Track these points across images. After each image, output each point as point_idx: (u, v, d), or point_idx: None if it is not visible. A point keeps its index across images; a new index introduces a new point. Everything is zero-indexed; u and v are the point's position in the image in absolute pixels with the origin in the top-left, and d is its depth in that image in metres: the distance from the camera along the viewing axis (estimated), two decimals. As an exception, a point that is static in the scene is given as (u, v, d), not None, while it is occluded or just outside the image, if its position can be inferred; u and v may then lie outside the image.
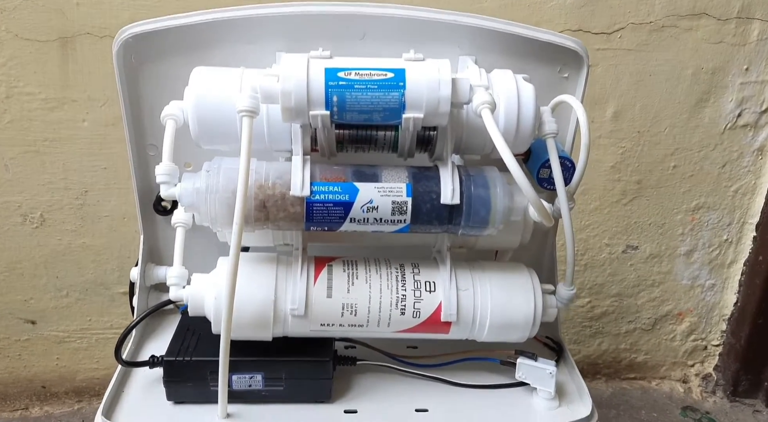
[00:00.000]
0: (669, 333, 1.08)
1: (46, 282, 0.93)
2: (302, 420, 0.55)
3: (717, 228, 0.99)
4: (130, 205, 0.87)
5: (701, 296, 1.05)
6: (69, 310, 0.95)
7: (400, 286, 0.56)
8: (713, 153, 0.93)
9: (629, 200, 0.97)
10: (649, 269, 1.02)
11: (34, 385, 0.99)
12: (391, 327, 0.57)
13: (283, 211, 0.51)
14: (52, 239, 0.90)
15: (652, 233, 1.00)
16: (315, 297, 0.55)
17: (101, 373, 1.00)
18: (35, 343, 0.97)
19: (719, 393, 1.09)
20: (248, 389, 0.57)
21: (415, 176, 0.53)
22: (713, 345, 1.09)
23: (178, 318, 0.63)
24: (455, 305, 0.56)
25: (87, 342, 0.98)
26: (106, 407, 0.56)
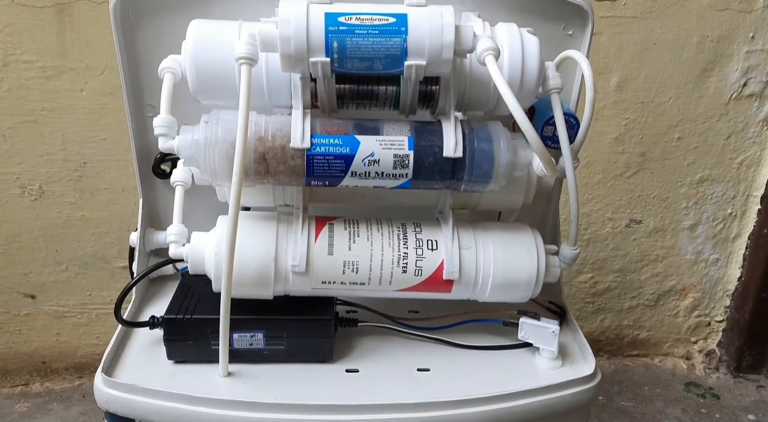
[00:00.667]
0: (672, 309, 1.08)
1: (46, 256, 0.92)
2: (304, 379, 0.55)
3: (721, 201, 0.98)
4: (130, 177, 0.87)
5: (705, 271, 1.04)
6: (69, 284, 0.95)
7: (402, 244, 0.55)
8: (718, 124, 0.93)
9: (633, 172, 0.96)
10: (653, 243, 1.02)
11: (34, 361, 0.99)
12: (393, 286, 0.56)
13: (283, 164, 0.50)
14: (51, 212, 0.89)
15: (655, 207, 0.99)
16: (316, 254, 0.54)
17: (101, 349, 0.99)
18: (35, 318, 0.96)
19: (723, 369, 1.08)
20: (249, 348, 0.56)
21: (417, 129, 0.52)
22: (716, 321, 1.08)
23: (178, 283, 0.63)
24: (457, 264, 0.55)
25: (87, 317, 0.97)
26: (106, 365, 0.56)
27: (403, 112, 0.55)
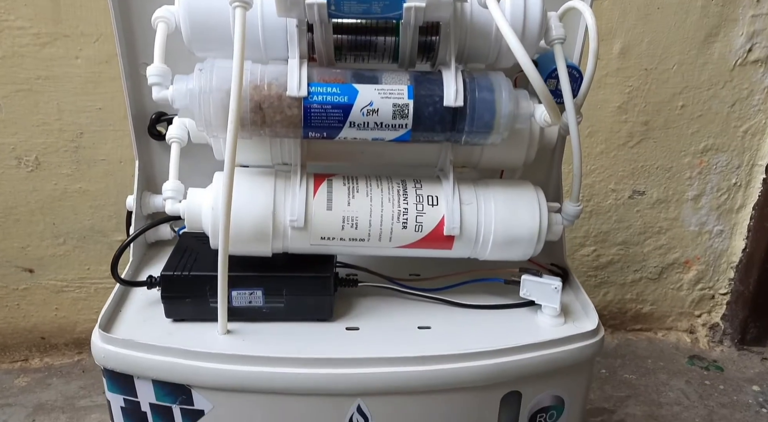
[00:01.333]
0: (675, 282, 1.07)
1: (43, 229, 0.91)
2: (304, 336, 0.54)
3: (725, 171, 0.97)
4: (127, 148, 0.86)
5: (709, 243, 1.03)
6: (67, 258, 0.94)
7: (402, 200, 0.54)
8: (722, 91, 0.91)
9: (636, 142, 0.95)
10: (656, 215, 1.01)
11: (33, 336, 0.99)
12: (393, 242, 0.55)
13: (280, 114, 0.49)
14: (47, 184, 0.88)
15: (659, 178, 0.98)
16: (315, 210, 0.53)
17: (101, 324, 0.99)
18: (33, 292, 0.96)
19: (727, 342, 1.07)
20: (248, 305, 0.55)
21: (417, 78, 0.51)
22: (720, 294, 1.07)
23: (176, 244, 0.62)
24: (458, 219, 0.54)
25: (86, 292, 0.97)
26: (104, 322, 0.55)
27: (403, 64, 0.54)
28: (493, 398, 0.55)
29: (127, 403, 0.55)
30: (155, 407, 0.54)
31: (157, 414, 0.55)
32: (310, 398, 0.53)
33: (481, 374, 0.53)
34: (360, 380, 0.52)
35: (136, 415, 0.55)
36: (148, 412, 0.55)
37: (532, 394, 0.56)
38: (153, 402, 0.54)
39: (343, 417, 0.53)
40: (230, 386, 0.52)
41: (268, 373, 0.51)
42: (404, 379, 0.52)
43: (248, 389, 0.52)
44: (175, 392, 0.54)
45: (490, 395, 0.55)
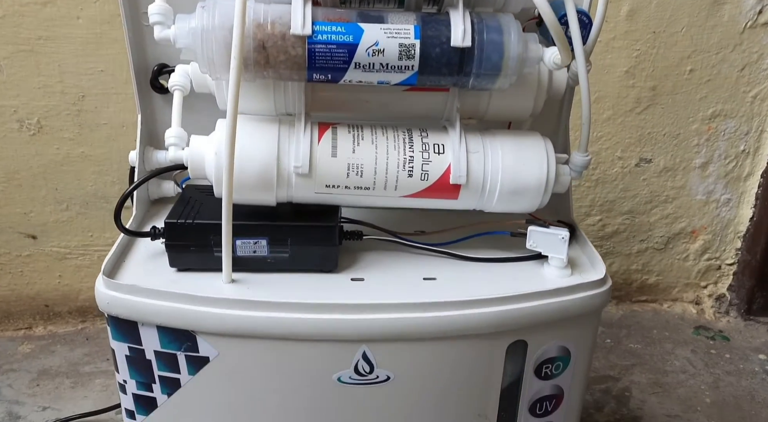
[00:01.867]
0: (682, 252, 1.06)
1: (46, 194, 0.91)
2: (308, 285, 0.53)
3: (734, 138, 0.96)
4: (129, 112, 0.85)
5: (716, 212, 1.02)
6: (70, 225, 0.94)
7: (408, 147, 0.54)
8: (732, 55, 0.90)
9: (643, 108, 0.94)
10: (663, 183, 1.00)
11: (36, 304, 0.98)
12: (398, 191, 0.54)
13: (284, 53, 0.48)
14: (50, 148, 0.88)
15: (666, 145, 0.97)
16: (319, 156, 0.52)
17: (104, 293, 0.99)
18: (36, 259, 0.95)
19: (733, 313, 1.07)
20: (253, 255, 0.55)
21: (424, 19, 0.50)
22: (727, 264, 1.06)
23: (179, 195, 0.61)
24: (465, 167, 0.53)
25: (89, 259, 0.96)
26: (108, 268, 0.55)
27: (409, 8, 0.53)
28: (498, 347, 0.55)
29: (132, 351, 0.55)
30: (160, 354, 0.54)
31: (162, 362, 0.54)
32: (315, 344, 0.52)
33: (487, 321, 0.53)
34: (365, 326, 0.52)
35: (141, 363, 0.55)
36: (153, 360, 0.54)
37: (538, 344, 0.56)
38: (158, 349, 0.54)
39: (349, 364, 0.53)
40: (235, 332, 0.52)
41: (273, 318, 0.51)
42: (410, 325, 0.52)
43: (253, 335, 0.52)
44: (180, 339, 0.53)
45: (495, 343, 0.55)
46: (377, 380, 0.54)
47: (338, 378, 0.54)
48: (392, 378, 0.54)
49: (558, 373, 0.58)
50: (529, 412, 0.59)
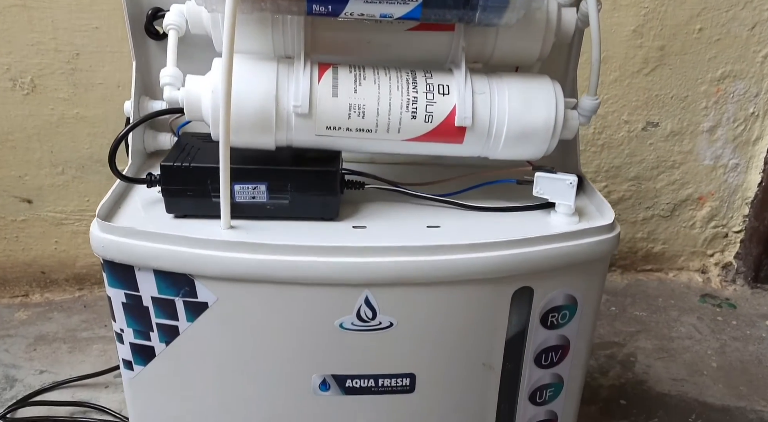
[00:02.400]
0: (688, 220, 1.04)
1: (41, 157, 0.89)
2: (308, 234, 0.51)
3: (743, 100, 0.94)
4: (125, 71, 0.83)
5: (723, 178, 1.01)
6: (66, 189, 0.92)
7: (411, 88, 0.52)
8: (742, 13, 0.88)
9: (651, 69, 0.92)
10: (670, 148, 0.98)
11: (33, 270, 0.97)
12: (402, 134, 0.53)
13: (283, -18, 0.46)
14: (44, 109, 0.86)
15: (673, 108, 0.95)
16: (320, 96, 0.50)
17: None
18: (32, 224, 0.94)
19: (740, 281, 1.05)
20: (252, 201, 0.53)
21: (428, -53, 0.48)
22: (734, 232, 1.05)
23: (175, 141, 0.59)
24: (470, 109, 0.52)
25: (86, 224, 0.95)
26: (103, 212, 0.53)
27: (413, -57, 0.51)
28: (504, 293, 0.54)
29: (129, 298, 0.53)
30: (157, 301, 0.53)
31: (159, 309, 0.53)
32: (317, 289, 0.51)
33: (492, 266, 0.51)
34: (367, 269, 0.50)
35: (138, 311, 0.54)
36: (150, 307, 0.53)
37: (544, 291, 0.55)
38: (155, 295, 0.53)
39: (351, 310, 0.52)
40: (234, 276, 0.50)
41: (272, 261, 0.49)
42: (413, 269, 0.50)
43: (253, 279, 0.50)
44: (178, 284, 0.52)
45: (501, 290, 0.53)
46: (380, 326, 0.53)
47: (340, 325, 0.53)
48: (395, 324, 0.53)
49: (564, 323, 0.57)
50: (535, 363, 0.58)
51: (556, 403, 0.62)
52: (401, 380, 0.55)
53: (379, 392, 0.56)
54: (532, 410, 0.61)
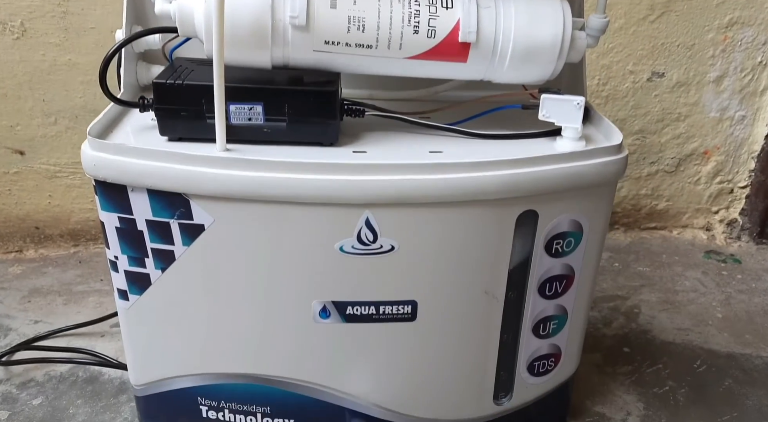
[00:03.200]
0: (693, 175, 1.03)
1: (33, 106, 0.87)
2: (306, 158, 0.49)
3: (751, 48, 0.92)
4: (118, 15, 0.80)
5: (729, 130, 0.99)
6: (59, 140, 0.90)
7: (413, 0, 0.50)
8: (751, -44, 0.85)
9: (657, 16, 0.89)
10: (675, 99, 0.96)
11: (27, 225, 0.95)
12: (403, 50, 0.51)
13: None
14: (35, 54, 0.84)
15: (679, 57, 0.93)
16: (317, 7, 0.48)
17: (96, 215, 0.96)
18: (25, 177, 0.92)
19: (744, 238, 1.04)
20: (248, 123, 0.51)
21: None
22: (740, 187, 1.03)
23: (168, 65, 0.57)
24: (475, 23, 0.50)
25: (80, 178, 0.93)
26: (95, 130, 0.52)
27: None
28: (508, 217, 0.52)
29: (123, 222, 0.52)
30: (152, 224, 0.51)
31: (154, 233, 0.51)
32: (316, 209, 0.49)
33: (496, 186, 0.49)
34: (368, 188, 0.48)
35: (133, 235, 0.52)
36: (145, 231, 0.51)
37: (549, 216, 0.53)
38: (149, 218, 0.51)
39: (351, 232, 0.50)
40: (231, 194, 0.48)
41: (270, 179, 0.48)
42: (415, 188, 0.49)
43: (250, 198, 0.49)
44: (173, 205, 0.50)
45: (504, 213, 0.51)
46: (381, 250, 0.51)
47: (340, 248, 0.51)
48: (396, 248, 0.51)
49: (569, 251, 0.56)
50: (539, 293, 0.57)
51: (559, 337, 0.61)
52: (402, 307, 0.54)
53: (380, 320, 0.55)
54: (535, 343, 0.60)
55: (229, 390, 0.58)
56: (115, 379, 0.71)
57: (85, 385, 0.70)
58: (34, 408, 0.66)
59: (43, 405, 0.67)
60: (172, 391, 0.59)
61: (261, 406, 0.58)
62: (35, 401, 0.67)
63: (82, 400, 0.68)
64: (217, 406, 0.58)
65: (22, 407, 0.66)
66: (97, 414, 0.66)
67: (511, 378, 0.60)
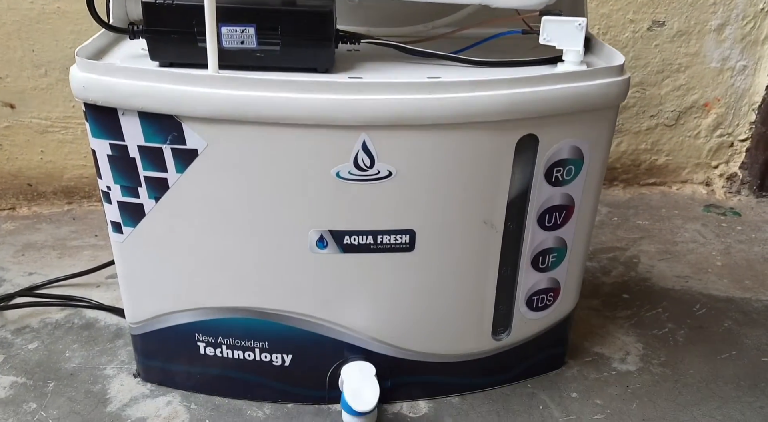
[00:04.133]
0: (693, 129, 1.02)
1: (22, 57, 0.85)
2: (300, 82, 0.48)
3: (753, -6, 0.90)
4: (107, -39, 0.78)
5: (730, 81, 0.98)
6: (50, 93, 0.88)
7: None
8: None
9: (658, -39, 0.88)
10: (676, 49, 0.94)
11: (19, 182, 0.94)
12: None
13: None
14: (23, 2, 0.82)
15: (680, 4, 0.91)
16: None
17: (90, 172, 0.94)
18: (16, 131, 0.90)
19: (744, 192, 1.03)
20: (240, 47, 0.50)
21: None
22: (740, 140, 1.02)
23: None
24: (473, -59, 0.49)
25: (72, 133, 0.92)
26: (84, 52, 0.50)
27: None
28: (508, 141, 0.51)
29: (114, 149, 0.50)
30: (144, 150, 0.50)
31: (147, 159, 0.50)
32: (311, 132, 0.48)
33: (496, 105, 0.48)
34: (365, 108, 0.47)
35: (125, 163, 0.51)
36: (137, 158, 0.50)
37: (549, 141, 0.52)
38: (141, 144, 0.50)
39: (348, 157, 0.49)
40: (224, 115, 0.47)
41: (264, 98, 0.46)
42: (412, 109, 0.47)
43: (243, 119, 0.47)
44: (165, 129, 0.49)
45: (504, 136, 0.50)
46: (378, 175, 0.50)
47: (337, 173, 0.50)
48: (394, 174, 0.50)
49: (569, 179, 0.55)
50: (538, 224, 0.56)
51: (558, 270, 0.60)
52: (400, 237, 0.53)
53: (378, 250, 0.54)
54: (534, 276, 0.59)
55: (227, 326, 0.57)
56: (111, 325, 0.70)
57: (80, 331, 0.69)
58: (29, 351, 0.66)
59: (39, 349, 0.66)
60: (169, 328, 0.58)
61: (259, 341, 0.58)
62: (31, 345, 0.67)
63: (78, 344, 0.67)
64: (214, 342, 0.58)
65: (18, 351, 0.66)
66: (93, 357, 0.65)
67: (510, 313, 0.60)
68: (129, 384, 0.62)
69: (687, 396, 0.62)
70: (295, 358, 0.58)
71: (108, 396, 0.60)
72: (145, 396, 0.60)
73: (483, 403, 0.61)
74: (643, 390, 0.62)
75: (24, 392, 0.60)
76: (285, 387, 0.60)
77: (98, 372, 0.63)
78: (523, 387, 0.63)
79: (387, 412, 0.59)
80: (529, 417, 0.59)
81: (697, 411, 0.60)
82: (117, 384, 0.62)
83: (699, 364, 0.66)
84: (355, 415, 0.54)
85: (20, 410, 0.58)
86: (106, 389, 0.61)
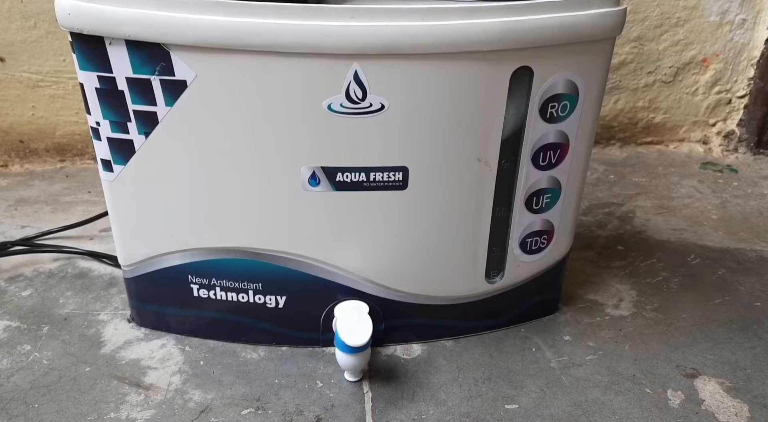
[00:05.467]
0: (691, 85, 1.01)
1: (10, 7, 0.84)
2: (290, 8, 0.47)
3: (754, -56, 0.89)
4: None
5: (729, 36, 0.96)
6: (39, 46, 0.87)
7: None
8: None
9: None
10: (674, 3, 0.93)
11: (11, 138, 0.93)
12: None
13: None
14: (9, -50, 0.81)
15: (681, -44, 0.90)
16: None
17: (82, 128, 0.94)
18: (7, 86, 0.89)
19: (742, 149, 1.03)
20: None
21: None
22: (738, 97, 1.01)
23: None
24: None
25: (63, 88, 0.90)
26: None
27: None
28: (502, 73, 0.50)
29: (102, 82, 0.50)
30: (133, 82, 0.49)
31: (135, 92, 0.49)
32: (302, 61, 0.47)
33: (490, 33, 0.47)
34: (356, 34, 0.46)
35: (113, 97, 0.50)
36: (126, 91, 0.50)
37: (544, 74, 0.51)
38: (130, 75, 0.49)
39: (339, 88, 0.48)
40: (212, 43, 0.46)
41: (253, 24, 0.46)
42: (405, 35, 0.47)
43: (233, 46, 0.46)
44: (153, 59, 0.48)
45: (498, 68, 0.50)
46: (370, 108, 0.50)
47: (328, 106, 0.50)
48: (387, 107, 0.50)
49: (564, 116, 0.54)
50: (532, 162, 0.56)
51: (552, 212, 0.60)
52: (393, 174, 0.53)
53: (370, 188, 0.54)
54: (528, 217, 0.59)
55: (220, 267, 0.57)
56: (105, 275, 0.70)
57: (74, 280, 0.69)
58: (23, 298, 0.66)
59: (32, 296, 0.66)
60: (162, 270, 0.58)
61: (252, 283, 0.58)
62: (24, 292, 0.67)
63: (72, 292, 0.67)
64: (208, 284, 0.58)
65: (11, 297, 0.66)
66: (87, 304, 0.65)
67: (504, 255, 0.60)
68: (123, 328, 0.62)
69: (679, 338, 0.62)
70: (289, 300, 0.58)
71: (102, 340, 0.60)
72: (140, 339, 0.61)
73: (476, 346, 0.61)
74: (635, 333, 0.63)
75: (18, 335, 0.61)
76: (279, 330, 0.60)
77: (92, 317, 0.64)
78: (516, 331, 0.63)
79: (381, 354, 0.60)
80: (521, 358, 0.59)
81: (689, 351, 0.60)
82: (111, 329, 0.62)
83: (692, 309, 0.67)
84: (348, 352, 0.54)
85: (14, 351, 0.58)
86: (100, 333, 0.61)
